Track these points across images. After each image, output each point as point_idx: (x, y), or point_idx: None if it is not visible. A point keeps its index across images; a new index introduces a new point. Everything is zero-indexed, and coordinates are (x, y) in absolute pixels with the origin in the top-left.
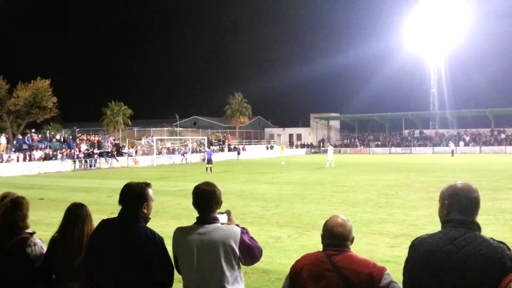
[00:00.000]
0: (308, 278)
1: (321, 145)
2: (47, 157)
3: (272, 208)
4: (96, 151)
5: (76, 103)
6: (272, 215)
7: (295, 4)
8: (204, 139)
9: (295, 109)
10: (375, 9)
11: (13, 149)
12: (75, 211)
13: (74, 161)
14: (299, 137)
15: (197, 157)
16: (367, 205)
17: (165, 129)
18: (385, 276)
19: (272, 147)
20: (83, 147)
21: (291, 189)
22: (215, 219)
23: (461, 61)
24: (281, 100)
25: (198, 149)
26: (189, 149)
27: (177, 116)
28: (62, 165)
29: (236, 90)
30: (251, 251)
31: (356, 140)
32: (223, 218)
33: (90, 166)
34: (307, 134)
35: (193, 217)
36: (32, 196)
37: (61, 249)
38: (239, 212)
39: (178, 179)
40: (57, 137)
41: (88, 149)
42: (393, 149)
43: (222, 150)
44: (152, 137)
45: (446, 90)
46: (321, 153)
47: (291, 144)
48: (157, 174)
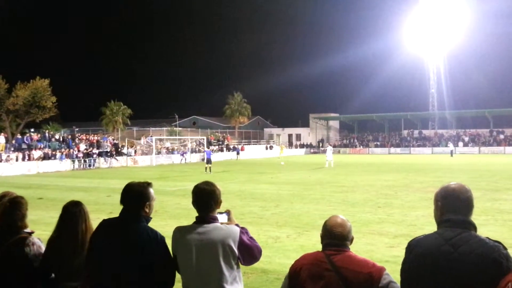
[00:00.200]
0: (307, 278)
1: (320, 145)
2: (46, 157)
3: (271, 208)
4: (95, 150)
5: (75, 102)
6: (271, 215)
7: (295, 4)
8: (204, 139)
9: (294, 109)
10: (375, 9)
11: (12, 149)
12: (71, 209)
13: (73, 160)
14: (298, 137)
15: (196, 157)
16: (366, 205)
17: (164, 129)
18: (384, 276)
19: (271, 147)
20: (82, 146)
21: (290, 189)
22: (214, 219)
23: (460, 61)
24: (280, 100)
25: (197, 149)
26: (188, 149)
27: (177, 116)
28: (61, 164)
29: (236, 90)
30: (250, 251)
31: (355, 140)
32: (223, 218)
33: (89, 165)
34: (306, 134)
35: (192, 216)
36: (31, 196)
37: (58, 248)
38: (238, 212)
39: (177, 179)
40: (56, 136)
41: (87, 149)
42: (392, 150)
43: (222, 150)
44: (151, 137)
45: (445, 90)
46: (320, 153)
47: (290, 144)
48: (156, 174)
